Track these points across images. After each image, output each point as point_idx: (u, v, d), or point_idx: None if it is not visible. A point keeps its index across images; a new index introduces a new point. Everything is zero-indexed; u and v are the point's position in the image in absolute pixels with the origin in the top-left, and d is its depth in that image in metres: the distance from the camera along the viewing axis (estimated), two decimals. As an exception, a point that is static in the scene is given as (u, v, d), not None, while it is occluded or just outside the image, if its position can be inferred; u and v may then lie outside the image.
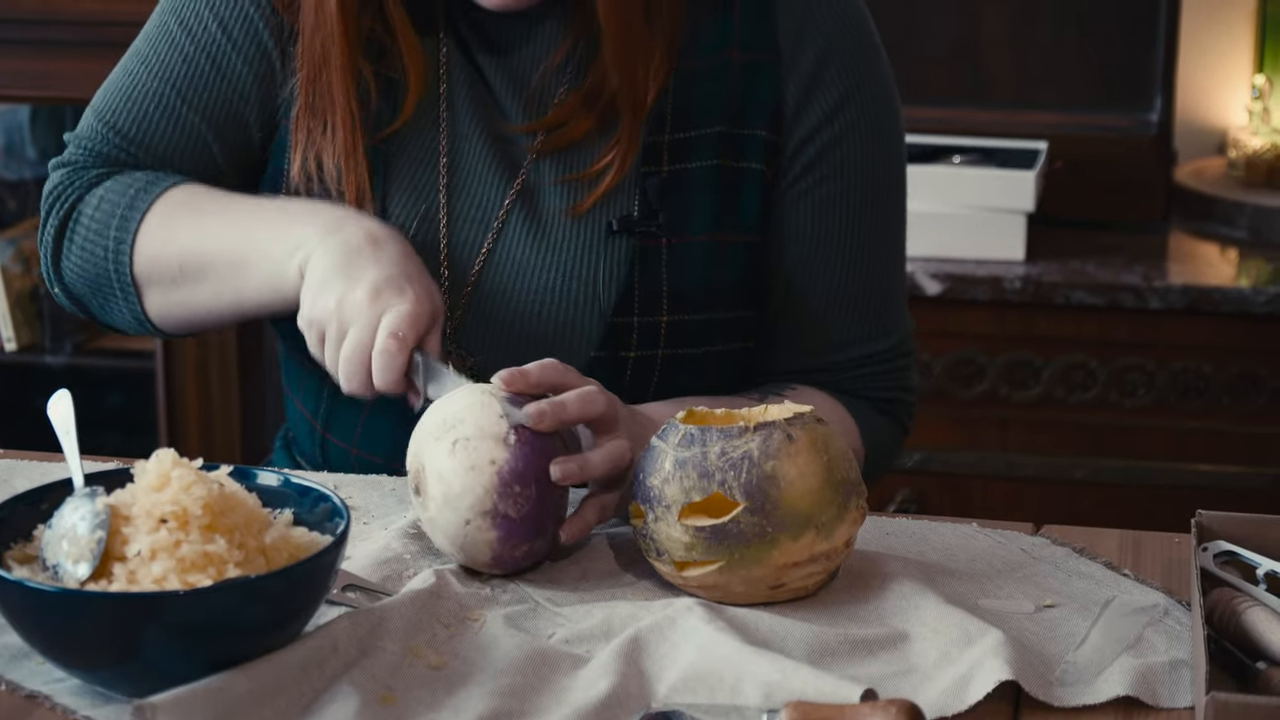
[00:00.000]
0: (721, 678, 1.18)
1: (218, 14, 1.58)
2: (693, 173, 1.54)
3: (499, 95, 1.56)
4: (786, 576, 1.28)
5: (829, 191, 1.56)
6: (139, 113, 1.59)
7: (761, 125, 1.54)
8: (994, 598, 1.32)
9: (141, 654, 1.13)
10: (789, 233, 1.57)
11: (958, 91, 3.03)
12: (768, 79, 1.54)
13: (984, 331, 2.74)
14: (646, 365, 1.54)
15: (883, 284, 1.61)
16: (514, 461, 1.30)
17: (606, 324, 1.52)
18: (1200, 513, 1.33)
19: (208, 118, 1.58)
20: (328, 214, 1.47)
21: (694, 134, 1.54)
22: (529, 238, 1.54)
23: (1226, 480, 2.73)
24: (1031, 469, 2.77)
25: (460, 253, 1.54)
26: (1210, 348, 2.71)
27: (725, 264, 1.55)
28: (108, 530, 1.18)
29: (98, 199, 1.58)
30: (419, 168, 1.56)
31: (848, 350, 1.60)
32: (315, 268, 1.43)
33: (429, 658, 1.21)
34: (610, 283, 1.52)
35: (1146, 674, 1.20)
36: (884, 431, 1.63)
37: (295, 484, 1.28)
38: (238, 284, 1.51)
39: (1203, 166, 3.07)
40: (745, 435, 1.27)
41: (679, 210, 1.53)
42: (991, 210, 2.77)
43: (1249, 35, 3.06)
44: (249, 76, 1.58)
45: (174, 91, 1.58)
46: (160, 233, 1.54)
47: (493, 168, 1.55)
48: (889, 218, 1.61)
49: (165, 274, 1.55)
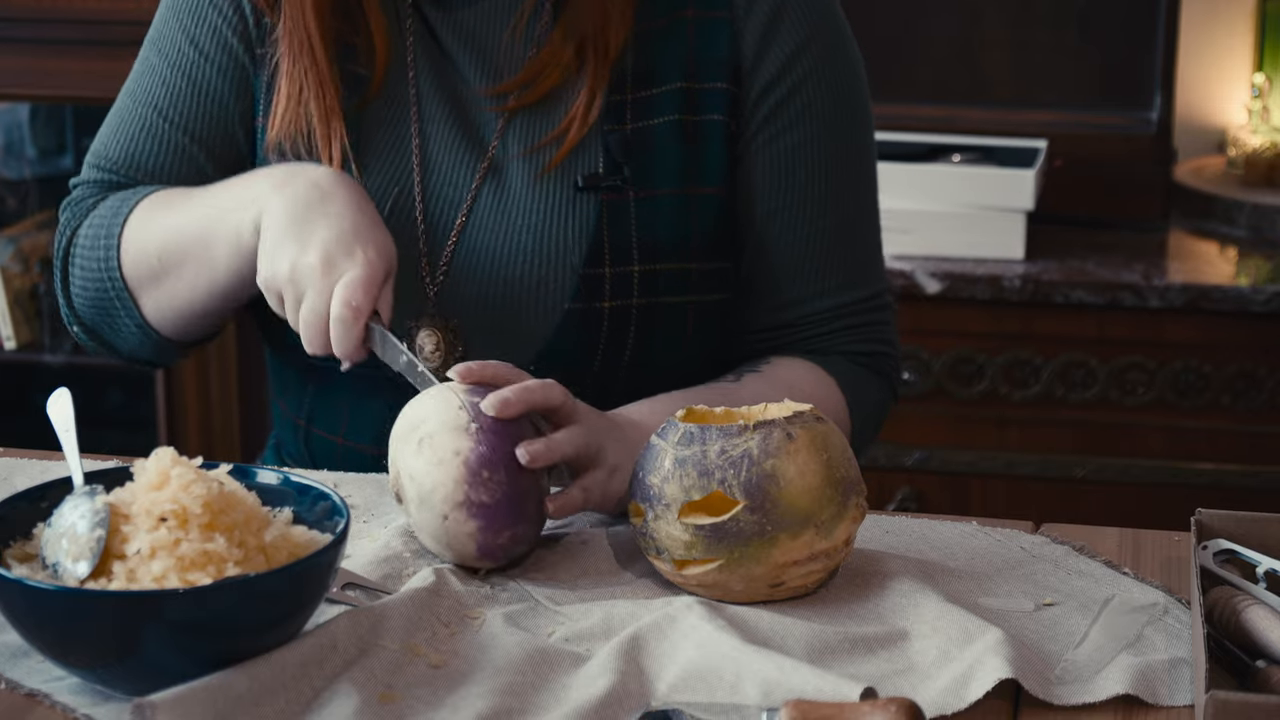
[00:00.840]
0: (721, 676, 1.18)
1: (189, 34, 1.62)
2: (655, 128, 1.57)
3: (463, 67, 1.59)
4: (786, 575, 1.28)
5: (791, 141, 1.59)
6: (127, 140, 1.64)
7: (720, 77, 1.57)
8: (994, 596, 1.32)
9: (141, 652, 1.13)
10: (755, 184, 1.59)
11: (957, 90, 3.03)
12: (722, 33, 1.57)
13: (983, 330, 2.74)
14: (622, 315, 1.56)
15: (854, 234, 1.62)
16: (479, 449, 1.30)
17: (578, 276, 1.54)
18: (1200, 511, 1.33)
19: (191, 133, 1.62)
20: (280, 170, 1.50)
21: (655, 91, 1.57)
22: (500, 205, 1.57)
23: (1226, 479, 2.73)
24: (1031, 467, 2.77)
25: (436, 226, 1.57)
26: (1210, 346, 2.71)
27: (695, 216, 1.58)
28: (107, 529, 1.18)
29: (90, 222, 1.62)
30: (391, 149, 1.58)
31: (821, 301, 1.61)
32: (267, 227, 1.45)
33: (429, 656, 1.21)
34: (580, 237, 1.55)
35: (1146, 672, 1.20)
36: (867, 386, 1.63)
37: (295, 482, 1.28)
38: (210, 259, 1.52)
39: (1202, 165, 3.07)
40: (745, 434, 1.27)
41: (644, 165, 1.56)
42: (991, 209, 2.77)
43: (1248, 34, 3.06)
44: (225, 86, 1.62)
45: (156, 114, 1.63)
46: (140, 232, 1.57)
47: (462, 143, 1.58)
48: (855, 165, 1.63)
49: (149, 270, 1.57)
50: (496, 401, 1.32)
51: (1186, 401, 2.72)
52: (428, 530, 1.32)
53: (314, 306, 1.41)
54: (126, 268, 1.59)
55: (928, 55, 3.02)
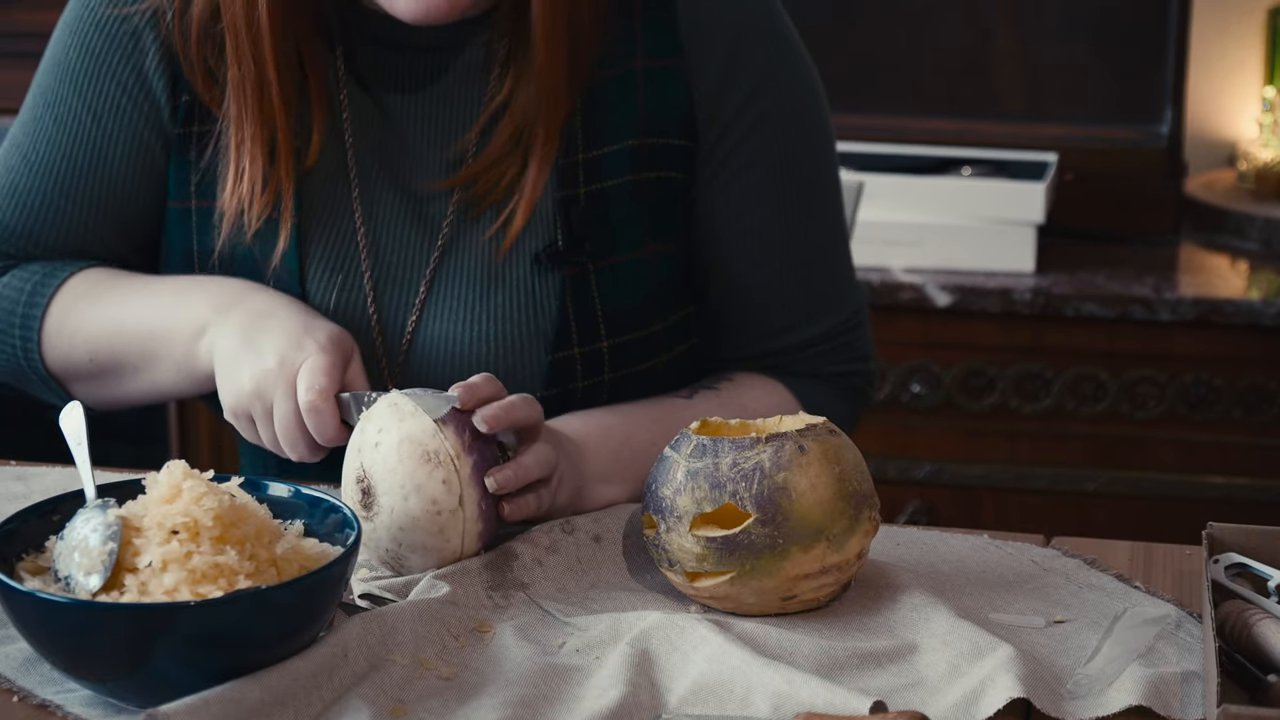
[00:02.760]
0: (732, 689, 1.18)
1: (92, 110, 1.57)
2: (609, 191, 1.52)
3: (412, 142, 1.54)
4: (798, 588, 1.28)
5: (749, 181, 1.55)
6: (25, 210, 1.60)
7: (675, 133, 1.53)
8: (1005, 611, 1.32)
9: (152, 665, 1.13)
10: (718, 227, 1.56)
11: (968, 103, 3.03)
12: (675, 84, 1.53)
13: (994, 343, 2.74)
14: (594, 392, 1.54)
15: (820, 266, 1.61)
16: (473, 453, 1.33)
17: (548, 362, 1.52)
18: (1211, 525, 1.33)
19: (95, 209, 1.58)
20: (218, 292, 1.49)
21: (606, 150, 1.52)
22: (458, 290, 1.52)
23: (1237, 492, 2.72)
24: (1042, 481, 2.77)
25: (390, 316, 1.53)
26: (1221, 360, 2.70)
27: (656, 275, 1.55)
28: (119, 542, 1.18)
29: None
30: (335, 230, 1.54)
31: (792, 335, 1.60)
32: (220, 354, 1.45)
33: (439, 669, 1.21)
34: (545, 319, 1.51)
35: (1158, 684, 1.19)
36: (829, 398, 1.61)
37: (306, 495, 1.29)
38: (153, 375, 1.53)
39: (1213, 179, 3.07)
40: (757, 446, 1.27)
41: (602, 232, 1.52)
42: (1001, 222, 2.77)
43: (1259, 48, 3.06)
44: (132, 171, 1.57)
45: (57, 188, 1.58)
46: (64, 330, 1.56)
47: (412, 225, 1.53)
48: (817, 200, 1.60)
49: (80, 370, 1.57)
50: (489, 417, 1.32)
51: (1198, 415, 2.72)
52: (405, 528, 1.32)
53: (284, 409, 1.40)
54: (51, 364, 1.58)
55: (939, 68, 3.02)
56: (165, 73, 1.55)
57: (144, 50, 1.55)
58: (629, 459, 1.46)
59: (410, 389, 1.36)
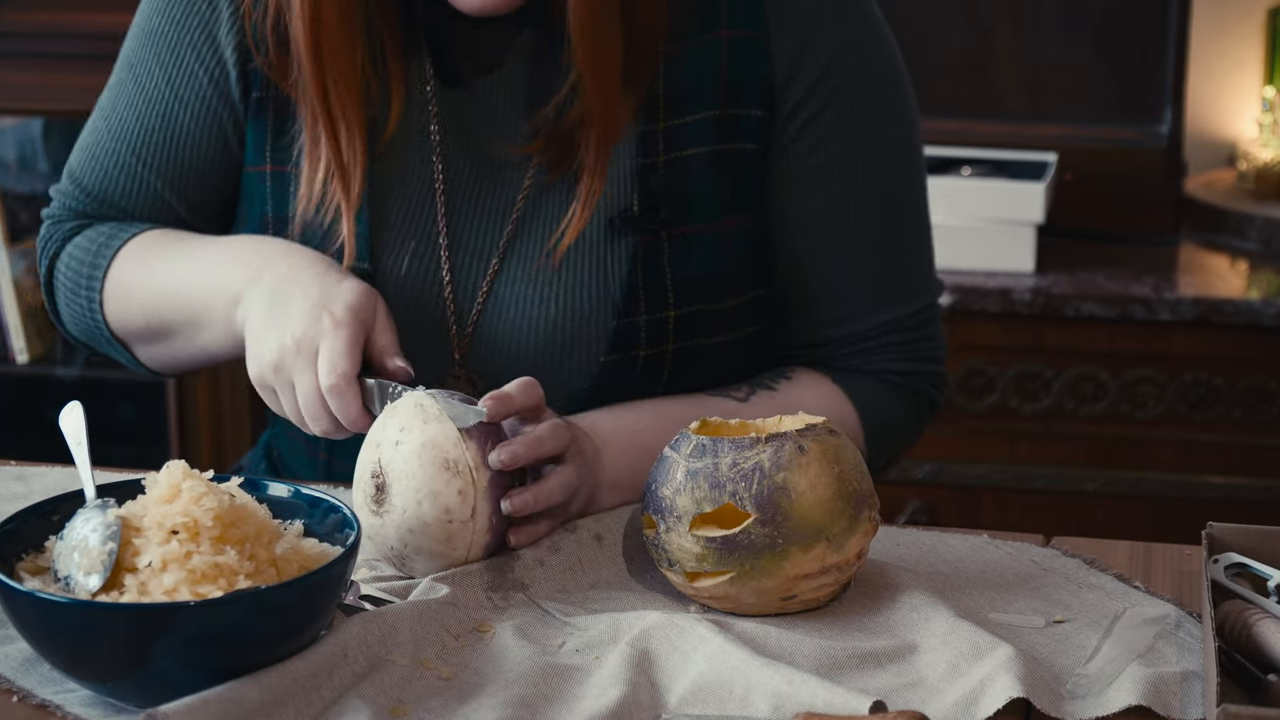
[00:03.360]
0: (731, 689, 1.18)
1: (167, 73, 1.59)
2: (689, 160, 1.52)
3: (494, 110, 1.54)
4: (798, 588, 1.28)
5: (824, 156, 1.54)
6: (101, 171, 1.63)
7: (755, 104, 1.52)
8: (1004, 611, 1.32)
9: (152, 665, 1.13)
10: (785, 205, 1.55)
11: (968, 103, 3.03)
12: (757, 55, 1.52)
13: (994, 343, 2.74)
14: (655, 362, 1.53)
15: (894, 249, 1.58)
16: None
17: (613, 328, 1.51)
18: (1211, 525, 1.33)
19: (163, 176, 1.61)
20: (251, 257, 1.49)
21: (688, 119, 1.52)
22: (531, 254, 1.52)
23: (1237, 492, 2.72)
24: (1042, 481, 2.77)
25: (462, 281, 1.53)
26: (1221, 360, 2.70)
27: (730, 249, 1.54)
28: (119, 542, 1.18)
29: (68, 257, 1.63)
30: (413, 202, 1.55)
31: (858, 321, 1.57)
32: (248, 325, 1.46)
33: (439, 669, 1.21)
34: (614, 284, 1.51)
35: (1158, 683, 1.19)
36: (890, 405, 1.59)
37: (306, 495, 1.29)
38: (201, 339, 1.55)
39: (1213, 179, 3.07)
40: (757, 446, 1.27)
41: (679, 201, 1.52)
42: (1001, 222, 2.77)
43: (1259, 48, 3.06)
44: (201, 136, 1.59)
45: (130, 151, 1.61)
46: (119, 294, 1.59)
47: (490, 194, 1.54)
48: (894, 176, 1.57)
49: (136, 331, 1.60)
50: (508, 457, 1.32)
51: (1197, 415, 2.72)
52: (419, 530, 1.31)
53: (305, 385, 1.40)
54: (113, 324, 1.60)
55: (939, 68, 3.02)
56: (236, 39, 1.57)
57: (219, 16, 1.57)
58: (647, 466, 1.42)
59: (438, 390, 1.35)
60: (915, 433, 1.65)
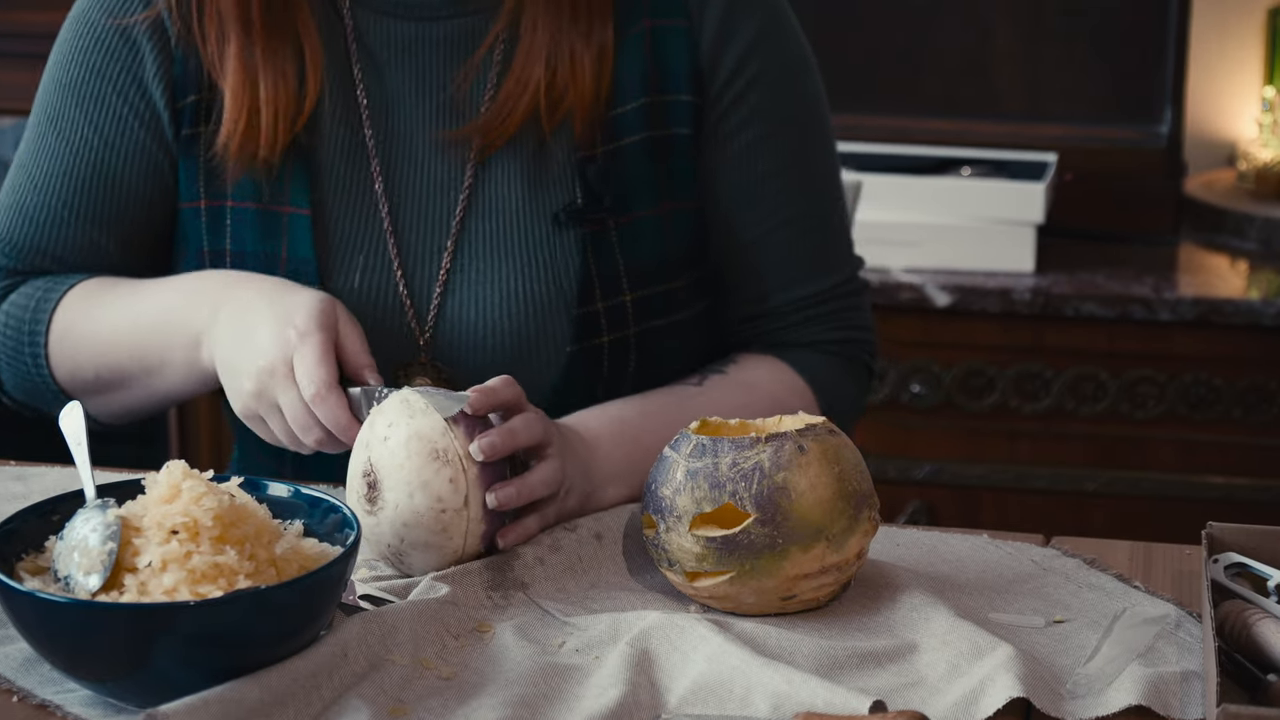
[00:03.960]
0: (731, 689, 1.18)
1: (94, 123, 1.59)
2: (625, 149, 1.55)
3: (427, 109, 1.56)
4: (797, 588, 1.28)
5: (748, 137, 1.58)
6: (31, 226, 1.61)
7: (684, 89, 1.57)
8: (1004, 611, 1.32)
9: (152, 664, 1.13)
10: (715, 185, 1.59)
11: (968, 103, 3.03)
12: (680, 42, 1.57)
13: (994, 343, 2.74)
14: (621, 347, 1.56)
15: (818, 222, 1.63)
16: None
17: (573, 316, 1.54)
18: (1211, 525, 1.33)
19: (99, 223, 1.60)
20: (201, 295, 1.49)
21: (620, 110, 1.55)
22: (481, 254, 1.54)
23: (1237, 492, 2.72)
24: (1042, 481, 2.77)
25: (417, 288, 1.54)
26: (1220, 360, 2.70)
27: (674, 233, 1.58)
28: (119, 542, 1.18)
29: (4, 316, 1.61)
30: (357, 214, 1.55)
31: (790, 291, 1.62)
32: (219, 364, 1.46)
33: (439, 669, 1.21)
34: (569, 275, 1.54)
35: (1158, 683, 1.19)
36: (841, 380, 1.64)
37: (306, 495, 1.29)
38: (158, 384, 1.55)
39: (1213, 179, 3.07)
40: (756, 446, 1.27)
41: (621, 189, 1.55)
42: (1001, 222, 2.77)
43: (1259, 48, 3.06)
44: (137, 180, 1.59)
45: (63, 204, 1.60)
46: (65, 348, 1.57)
47: (433, 197, 1.55)
48: (813, 154, 1.63)
49: (86, 384, 1.58)
50: (486, 446, 1.32)
51: (1197, 415, 2.72)
52: (411, 525, 1.31)
53: (289, 401, 1.41)
54: (61, 380, 1.59)
55: (938, 68, 3.02)
56: (164, 79, 1.57)
57: (142, 60, 1.57)
58: (640, 458, 1.46)
59: (423, 387, 1.36)
60: (862, 397, 1.68)
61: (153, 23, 1.57)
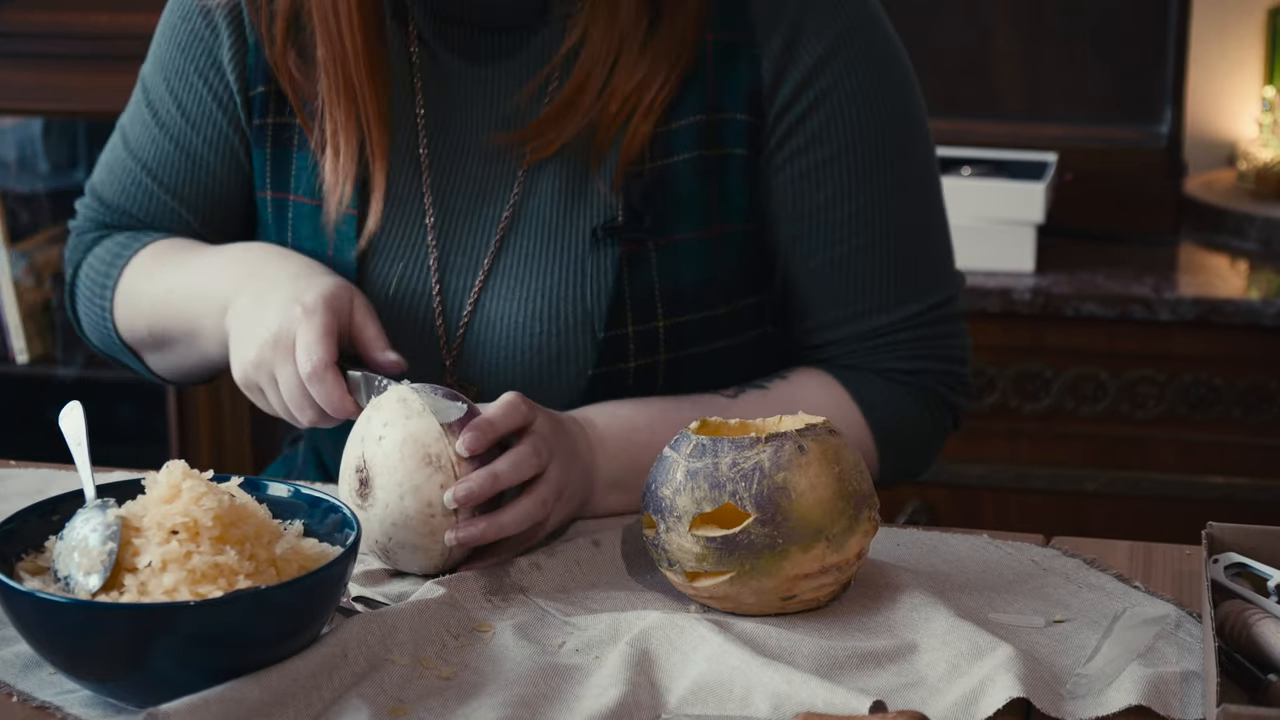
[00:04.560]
0: (731, 689, 1.18)
1: (177, 98, 1.62)
2: (675, 167, 1.50)
3: (481, 117, 1.54)
4: (797, 588, 1.28)
5: (810, 161, 1.52)
6: (118, 186, 1.66)
7: (741, 109, 1.51)
8: (1004, 611, 1.32)
9: (152, 665, 1.13)
10: (774, 208, 1.53)
11: (968, 103, 3.03)
12: (743, 59, 1.50)
13: (994, 343, 2.74)
14: (648, 374, 1.52)
15: (896, 249, 1.54)
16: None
17: (599, 340, 1.50)
18: (1211, 525, 1.33)
19: (177, 195, 1.63)
20: (240, 265, 1.52)
21: (674, 126, 1.50)
22: (517, 269, 1.51)
23: (1237, 492, 2.72)
24: (1042, 481, 2.77)
25: (451, 296, 1.53)
26: (1221, 360, 2.70)
27: (720, 257, 1.53)
28: (119, 542, 1.18)
29: (88, 267, 1.66)
30: (403, 217, 1.54)
31: (859, 323, 1.55)
32: (231, 330, 1.48)
33: (439, 669, 1.21)
34: (599, 296, 1.50)
35: (1158, 683, 1.19)
36: (901, 404, 1.56)
37: (306, 495, 1.29)
38: (200, 349, 1.57)
39: (1213, 179, 3.07)
40: (756, 446, 1.27)
41: (664, 209, 1.50)
42: (1001, 222, 2.77)
43: (1259, 48, 3.06)
44: (215, 159, 1.62)
45: (144, 171, 1.64)
46: (127, 303, 1.62)
47: (480, 206, 1.53)
48: (896, 176, 1.54)
49: (142, 340, 1.63)
50: (470, 443, 1.32)
51: (1197, 415, 2.72)
52: (399, 523, 1.32)
53: (285, 376, 1.42)
54: (122, 331, 1.64)
55: (938, 68, 3.02)
56: (238, 65, 1.58)
57: (221, 41, 1.59)
58: (647, 465, 1.41)
59: (422, 384, 1.36)
60: (937, 432, 1.60)
61: (231, 7, 1.58)
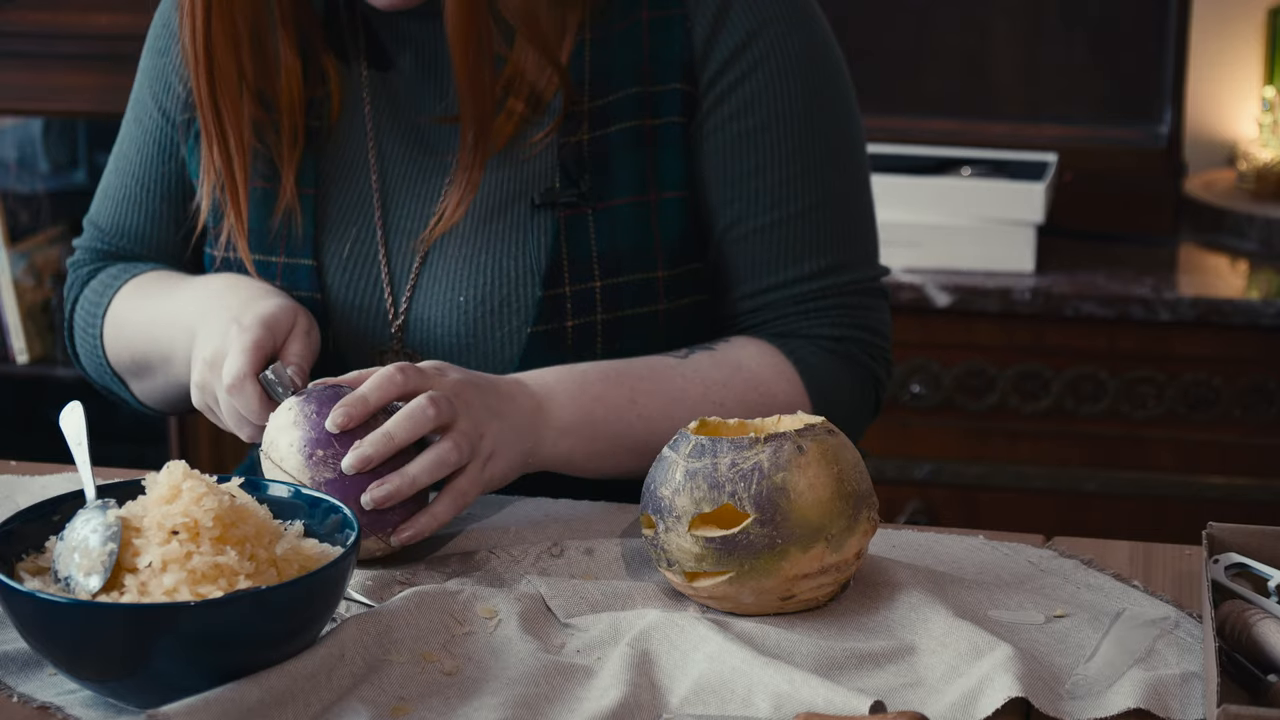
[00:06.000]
0: (732, 689, 1.18)
1: (157, 99, 1.68)
2: (613, 136, 1.56)
3: (419, 94, 1.60)
4: (797, 588, 1.28)
5: (739, 128, 1.57)
6: (113, 209, 1.71)
7: (675, 79, 1.56)
8: (1003, 609, 1.32)
9: (153, 665, 1.13)
10: (708, 175, 1.58)
11: (968, 104, 3.03)
12: (676, 32, 1.56)
13: (993, 343, 2.74)
14: (586, 333, 1.56)
15: (824, 218, 1.58)
16: (307, 433, 1.34)
17: (539, 298, 1.54)
18: (1211, 525, 1.33)
19: (163, 196, 1.68)
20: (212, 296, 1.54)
21: (611, 99, 1.56)
22: (463, 226, 1.57)
23: (1237, 492, 2.72)
24: (1041, 481, 2.77)
25: (398, 258, 1.58)
26: (1220, 360, 2.70)
27: (656, 222, 1.57)
28: (119, 542, 1.18)
29: (83, 300, 1.70)
30: (350, 185, 1.60)
31: (783, 290, 1.59)
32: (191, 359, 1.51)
33: (443, 662, 1.21)
34: (539, 256, 1.55)
35: (1157, 686, 1.19)
36: (835, 374, 1.59)
37: (306, 495, 1.29)
38: (176, 376, 1.60)
39: (1212, 179, 3.07)
40: (756, 446, 1.27)
41: (602, 176, 1.55)
42: (1001, 222, 2.77)
43: (1259, 48, 3.06)
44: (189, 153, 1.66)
45: (134, 181, 1.69)
46: (113, 332, 1.66)
47: (421, 173, 1.59)
48: (824, 147, 1.59)
49: (128, 368, 1.67)
50: (342, 420, 1.34)
51: (1197, 415, 2.72)
52: None
53: (225, 400, 1.45)
54: (111, 359, 1.67)
55: (938, 68, 3.02)
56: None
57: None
58: (601, 416, 1.47)
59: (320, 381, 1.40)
60: (866, 399, 1.63)
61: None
